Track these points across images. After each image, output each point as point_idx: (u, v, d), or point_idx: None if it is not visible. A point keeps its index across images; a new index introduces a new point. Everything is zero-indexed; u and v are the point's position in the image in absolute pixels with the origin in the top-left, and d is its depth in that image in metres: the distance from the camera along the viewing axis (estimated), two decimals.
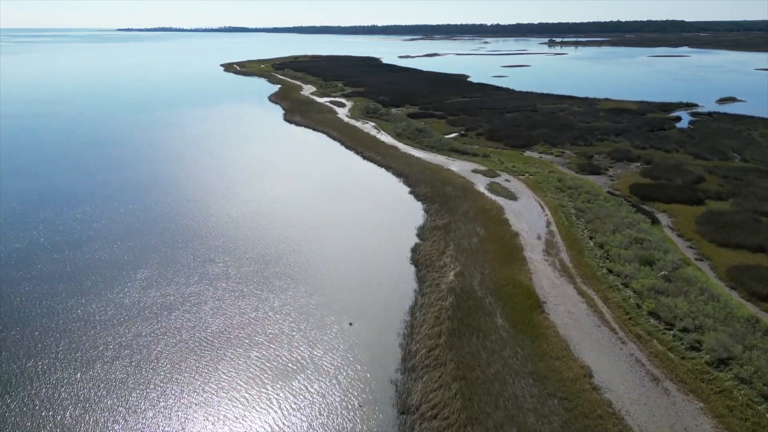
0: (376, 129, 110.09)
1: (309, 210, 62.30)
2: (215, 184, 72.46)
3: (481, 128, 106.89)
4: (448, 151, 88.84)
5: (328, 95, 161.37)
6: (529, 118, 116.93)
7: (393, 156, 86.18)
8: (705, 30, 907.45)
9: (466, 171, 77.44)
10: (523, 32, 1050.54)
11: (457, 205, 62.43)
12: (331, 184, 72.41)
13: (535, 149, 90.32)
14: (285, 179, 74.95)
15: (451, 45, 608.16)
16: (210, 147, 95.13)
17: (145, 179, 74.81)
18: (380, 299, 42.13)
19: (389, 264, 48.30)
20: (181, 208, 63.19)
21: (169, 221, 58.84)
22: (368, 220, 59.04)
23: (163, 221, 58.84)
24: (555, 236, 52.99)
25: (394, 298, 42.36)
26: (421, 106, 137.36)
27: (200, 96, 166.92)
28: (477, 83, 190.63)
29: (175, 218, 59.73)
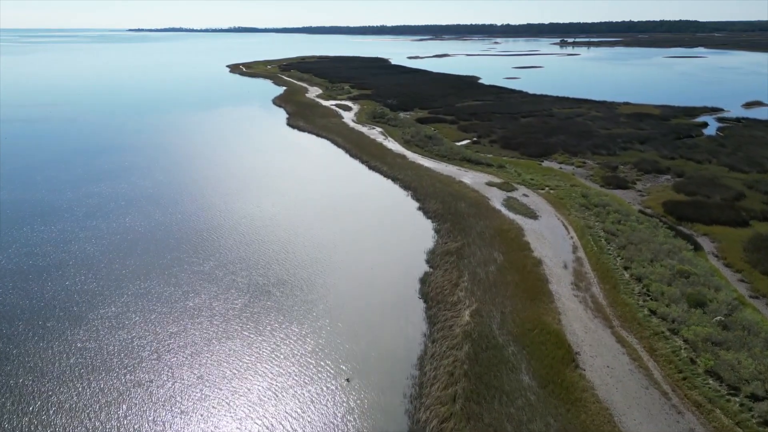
0: (383, 135, 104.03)
1: (307, 230, 56.32)
2: (206, 199, 66.69)
3: (495, 135, 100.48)
4: (460, 160, 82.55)
5: (334, 98, 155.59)
6: (545, 124, 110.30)
7: (401, 166, 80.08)
8: (719, 30, 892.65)
9: (480, 184, 71.16)
10: (534, 32, 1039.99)
11: (470, 224, 56.21)
12: (333, 199, 66.43)
13: (554, 159, 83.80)
14: (283, 193, 69.06)
15: (461, 45, 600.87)
16: (205, 155, 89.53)
17: (131, 192, 69.24)
18: (384, 346, 36.05)
19: (395, 298, 42.21)
20: (164, 227, 57.45)
21: (149, 242, 53.11)
22: (373, 243, 52.97)
23: (143, 242, 53.11)
24: (584, 265, 46.61)
25: (400, 344, 36.26)
26: (430, 110, 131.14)
27: (202, 99, 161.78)
28: (489, 85, 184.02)
29: (156, 239, 53.99)
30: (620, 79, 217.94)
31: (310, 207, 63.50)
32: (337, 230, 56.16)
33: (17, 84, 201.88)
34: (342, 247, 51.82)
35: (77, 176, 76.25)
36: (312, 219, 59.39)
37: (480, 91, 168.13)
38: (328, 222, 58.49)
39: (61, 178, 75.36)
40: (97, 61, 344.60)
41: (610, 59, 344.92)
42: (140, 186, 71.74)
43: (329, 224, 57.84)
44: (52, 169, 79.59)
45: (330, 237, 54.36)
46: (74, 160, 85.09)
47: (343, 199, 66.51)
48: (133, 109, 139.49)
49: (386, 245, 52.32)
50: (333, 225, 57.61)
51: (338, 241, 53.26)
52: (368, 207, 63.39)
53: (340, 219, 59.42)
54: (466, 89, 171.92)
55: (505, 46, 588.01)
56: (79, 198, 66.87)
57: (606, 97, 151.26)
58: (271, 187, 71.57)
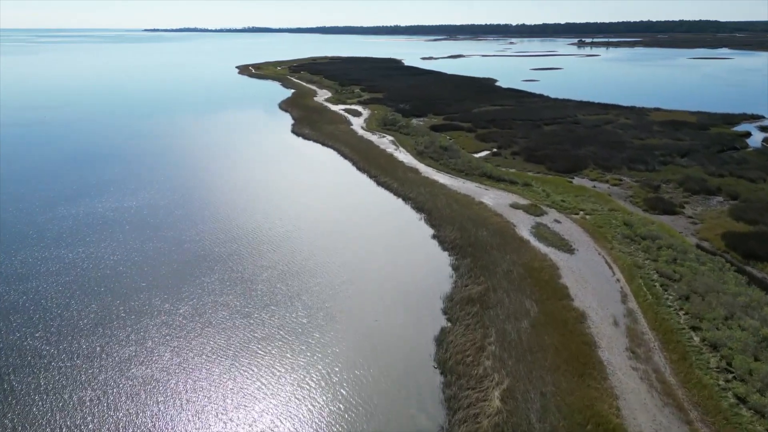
0: (393, 145, 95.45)
1: (301, 266, 47.93)
2: (187, 226, 58.63)
3: (517, 145, 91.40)
4: (480, 176, 73.69)
5: (343, 102, 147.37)
6: (571, 133, 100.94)
7: (413, 182, 71.47)
8: (740, 30, 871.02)
9: (503, 205, 62.30)
10: (550, 32, 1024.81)
11: (495, 259, 47.45)
12: (335, 224, 57.98)
13: (586, 175, 74.61)
14: (277, 216, 60.77)
15: (476, 46, 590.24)
16: (197, 169, 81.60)
17: (111, 214, 61.38)
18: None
19: (405, 366, 33.63)
20: (138, 260, 49.41)
21: (118, 281, 45.08)
22: (379, 283, 44.45)
23: (110, 280, 45.09)
24: (639, 321, 37.62)
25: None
26: (445, 116, 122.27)
27: (205, 103, 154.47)
28: (507, 88, 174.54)
29: (126, 276, 45.96)
30: (645, 81, 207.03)
31: (306, 236, 55.09)
32: (337, 266, 47.69)
33: (18, 85, 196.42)
34: (342, 291, 43.33)
35: (56, 191, 68.67)
36: (307, 251, 50.97)
37: (498, 94, 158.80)
38: (327, 256, 50.02)
39: (36, 194, 67.82)
40: (103, 62, 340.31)
41: (632, 60, 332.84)
42: (123, 206, 63.91)
43: (328, 258, 49.37)
44: (28, 183, 72.16)
45: (329, 275, 45.92)
46: (57, 171, 77.63)
47: (347, 223, 58.03)
48: (131, 113, 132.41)
49: (395, 287, 43.75)
50: (332, 259, 49.14)
51: (338, 281, 44.78)
52: (374, 235, 54.83)
53: (340, 251, 50.94)
54: (482, 93, 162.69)
55: (520, 46, 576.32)
56: (52, 219, 59.19)
57: (633, 101, 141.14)
58: (263, 209, 63.31)
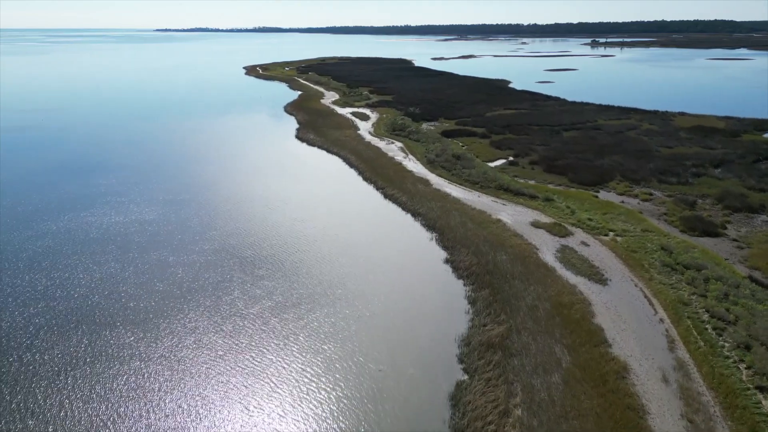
0: (403, 152, 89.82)
1: (297, 298, 42.46)
2: (176, 241, 53.39)
3: (535, 153, 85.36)
4: (496, 189, 67.85)
5: (351, 105, 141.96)
6: (593, 140, 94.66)
7: (423, 195, 65.82)
8: (757, 30, 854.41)
9: (524, 224, 56.43)
10: (562, 32, 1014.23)
11: (517, 291, 41.71)
12: (335, 245, 52.45)
13: (612, 188, 68.48)
14: (274, 235, 55.35)
15: (488, 46, 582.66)
16: (194, 179, 76.47)
17: (93, 232, 56.27)
18: None
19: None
20: (117, 285, 44.23)
21: (93, 312, 39.90)
22: (384, 319, 38.87)
23: (84, 312, 39.93)
24: (692, 377, 31.68)
25: None
26: (457, 121, 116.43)
27: (209, 106, 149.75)
28: (521, 91, 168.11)
29: (97, 312, 40.76)
30: (666, 83, 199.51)
31: (304, 259, 49.60)
32: (336, 298, 42.16)
33: (22, 86, 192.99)
34: (342, 329, 37.80)
35: (39, 205, 63.81)
36: (305, 279, 45.48)
37: (512, 97, 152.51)
38: (326, 285, 44.50)
39: (17, 208, 62.98)
40: (109, 62, 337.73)
41: (649, 61, 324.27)
42: (109, 223, 58.85)
43: (327, 288, 43.85)
44: (9, 195, 67.38)
45: (328, 308, 40.40)
46: (43, 182, 72.87)
47: (349, 245, 52.48)
48: (130, 117, 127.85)
49: (403, 325, 38.12)
50: (332, 289, 43.61)
51: (339, 316, 39.26)
52: (380, 258, 49.22)
53: (341, 279, 45.40)
54: (496, 95, 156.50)
55: (533, 46, 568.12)
56: (30, 238, 54.23)
57: (655, 105, 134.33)
58: (258, 229, 57.92)
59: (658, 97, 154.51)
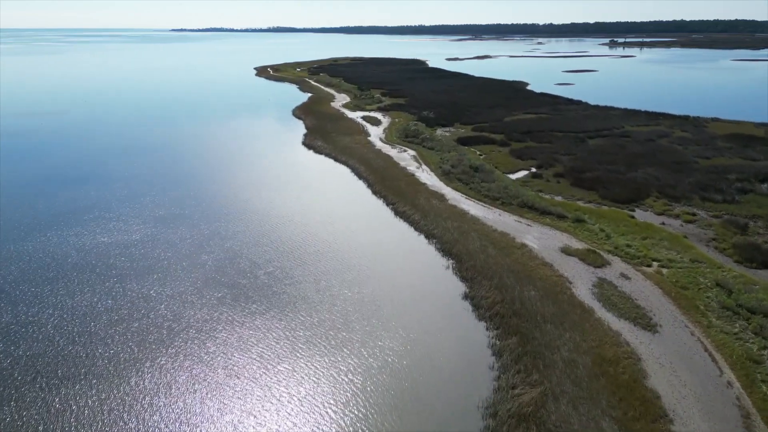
0: (416, 162, 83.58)
1: (286, 346, 36.48)
2: (162, 267, 47.72)
3: (560, 164, 78.61)
4: (519, 206, 61.32)
5: (361, 108, 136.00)
6: (622, 149, 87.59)
7: (438, 213, 59.55)
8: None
9: (553, 250, 49.93)
10: (578, 32, 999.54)
11: (550, 340, 35.33)
12: (338, 275, 46.40)
13: (649, 206, 61.63)
14: (269, 257, 49.47)
15: (503, 46, 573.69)
16: (190, 192, 70.95)
17: (71, 252, 50.82)
18: None
19: None
20: (86, 326, 38.59)
21: (51, 363, 34.29)
22: (390, 378, 32.71)
23: (40, 366, 34.34)
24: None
25: None
26: (474, 126, 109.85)
27: (215, 108, 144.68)
28: (540, 93, 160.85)
29: (63, 356, 35.11)
30: (693, 86, 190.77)
31: (301, 291, 43.60)
32: (337, 344, 36.09)
33: (23, 87, 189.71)
34: (340, 392, 31.69)
35: (15, 221, 58.58)
36: (301, 317, 39.49)
37: (531, 100, 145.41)
38: (327, 327, 38.45)
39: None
40: (118, 62, 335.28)
41: (671, 62, 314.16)
42: (90, 244, 53.39)
43: (323, 329, 37.82)
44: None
45: (326, 360, 34.35)
46: (25, 194, 67.77)
47: (352, 273, 46.40)
48: (131, 121, 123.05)
49: (413, 386, 31.93)
50: (332, 330, 37.57)
51: (336, 373, 33.18)
52: (387, 294, 43.07)
53: (345, 320, 39.32)
54: (514, 98, 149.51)
55: (549, 46, 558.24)
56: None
57: (684, 109, 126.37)
58: (251, 250, 52.08)
59: (686, 101, 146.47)
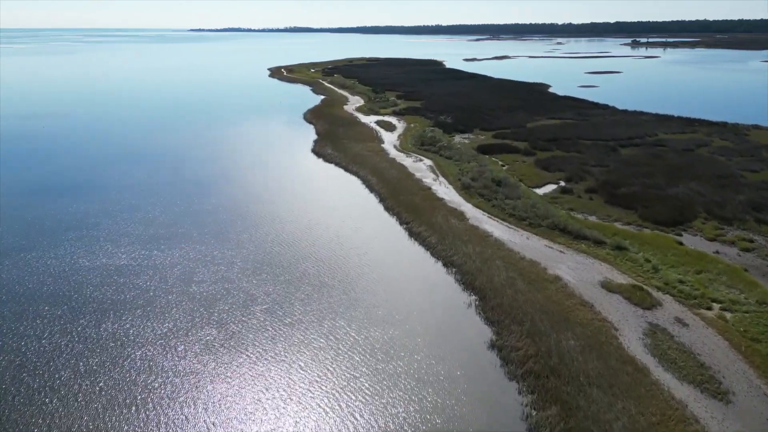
0: (432, 173, 77.11)
1: (274, 414, 30.33)
2: (145, 300, 41.94)
3: (591, 177, 71.55)
4: (549, 228, 54.50)
5: (376, 112, 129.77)
6: (658, 159, 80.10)
7: (457, 235, 53.02)
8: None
9: (591, 285, 43.13)
10: (599, 32, 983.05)
11: (598, 411, 28.69)
12: (342, 315, 40.16)
13: (698, 229, 54.38)
14: (265, 289, 43.41)
15: (521, 46, 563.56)
16: (187, 206, 65.34)
17: (46, 281, 45.28)
18: None
19: None
20: (51, 373, 32.88)
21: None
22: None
23: None
24: None
25: None
26: (495, 132, 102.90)
27: (224, 110, 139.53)
28: (564, 96, 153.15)
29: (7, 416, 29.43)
30: (725, 89, 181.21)
31: (299, 335, 37.44)
32: (336, 411, 29.81)
33: (30, 88, 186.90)
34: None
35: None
36: (296, 375, 33.29)
37: (555, 104, 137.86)
38: (325, 383, 32.20)
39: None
40: (131, 62, 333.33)
41: (698, 63, 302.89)
42: (71, 269, 47.90)
43: (326, 390, 31.56)
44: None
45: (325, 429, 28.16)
46: (10, 206, 62.68)
47: (360, 307, 40.11)
48: (137, 123, 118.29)
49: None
50: (334, 395, 31.30)
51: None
52: (400, 339, 36.69)
53: (347, 373, 33.05)
54: (536, 101, 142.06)
55: (569, 46, 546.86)
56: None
57: (720, 115, 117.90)
58: (244, 281, 46.07)
59: (720, 105, 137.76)
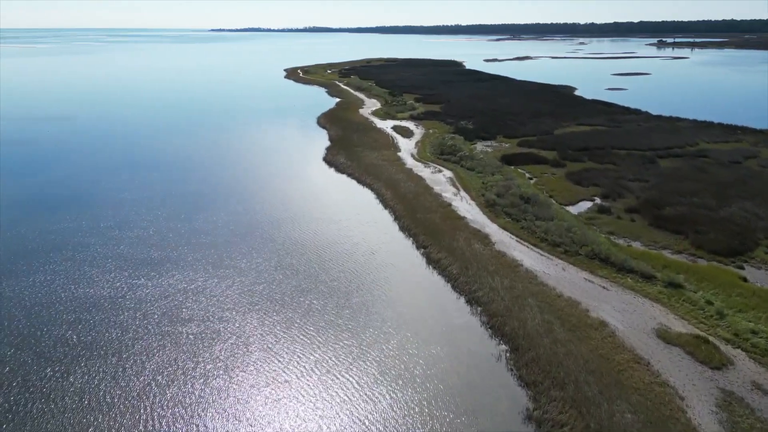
0: (453, 186, 70.41)
1: None
2: (112, 350, 36.06)
3: (630, 193, 64.14)
4: (588, 257, 47.43)
5: (393, 116, 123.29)
6: (703, 173, 72.24)
7: (482, 264, 46.27)
8: None
9: (645, 334, 36.09)
10: (622, 32, 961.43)
11: None
12: (347, 362, 33.74)
13: (761, 260, 46.83)
14: (259, 331, 37.21)
15: (543, 46, 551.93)
16: (181, 220, 59.58)
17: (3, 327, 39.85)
18: None
19: None
20: None
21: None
22: None
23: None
24: None
25: None
26: (520, 140, 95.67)
27: (234, 114, 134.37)
28: (591, 100, 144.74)
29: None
30: (763, 93, 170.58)
31: (298, 390, 31.15)
32: None
33: (38, 88, 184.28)
34: None
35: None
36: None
37: (582, 108, 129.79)
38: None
39: None
40: (146, 62, 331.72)
41: (729, 64, 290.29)
42: (39, 303, 42.32)
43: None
44: None
45: None
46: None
47: (368, 359, 33.65)
48: (143, 127, 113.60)
49: None
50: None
51: None
52: (415, 403, 30.14)
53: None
54: (562, 105, 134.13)
55: (592, 46, 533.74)
56: None
57: (762, 122, 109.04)
58: (234, 321, 39.95)
59: (764, 112, 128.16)
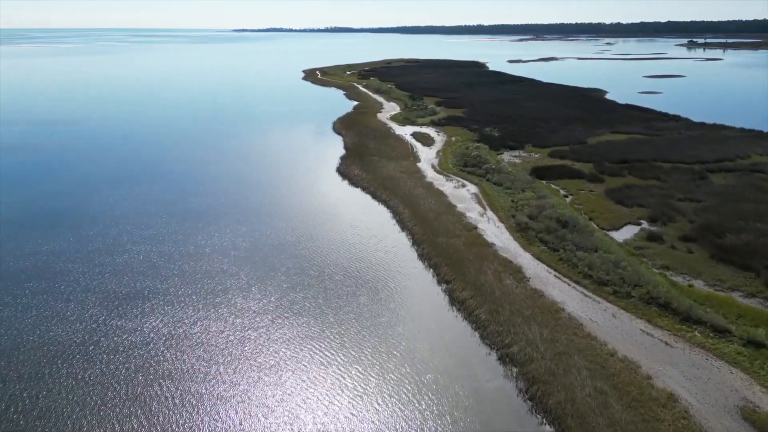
0: (478, 204, 63.20)
1: None
2: (77, 408, 29.91)
3: (682, 216, 56.16)
4: (643, 302, 39.82)
5: (412, 121, 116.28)
6: (762, 193, 63.71)
7: (515, 307, 39.08)
8: None
9: (725, 413, 28.66)
10: (649, 32, 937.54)
11: None
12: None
13: None
14: (250, 385, 30.70)
15: (568, 46, 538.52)
16: (174, 242, 53.49)
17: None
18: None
19: None
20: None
21: None
22: None
23: None
24: None
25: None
26: (551, 150, 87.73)
27: (248, 119, 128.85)
28: (625, 105, 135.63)
29: None
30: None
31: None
32: None
33: (47, 90, 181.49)
34: None
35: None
36: None
37: (616, 114, 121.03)
38: None
39: None
40: (165, 62, 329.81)
41: (766, 66, 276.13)
42: (2, 348, 36.60)
43: None
44: None
45: None
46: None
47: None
48: (149, 134, 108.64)
49: None
50: None
51: None
52: None
53: None
54: (594, 111, 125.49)
55: (619, 47, 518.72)
56: None
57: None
58: (223, 373, 33.49)
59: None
